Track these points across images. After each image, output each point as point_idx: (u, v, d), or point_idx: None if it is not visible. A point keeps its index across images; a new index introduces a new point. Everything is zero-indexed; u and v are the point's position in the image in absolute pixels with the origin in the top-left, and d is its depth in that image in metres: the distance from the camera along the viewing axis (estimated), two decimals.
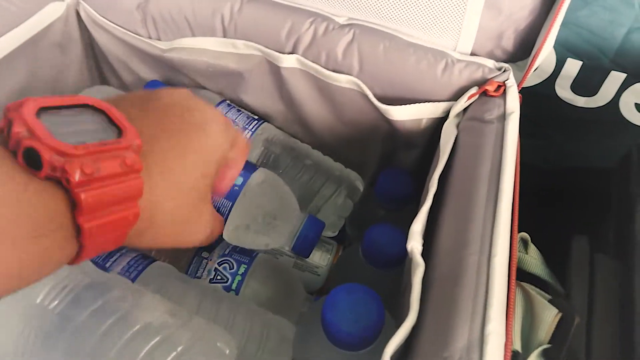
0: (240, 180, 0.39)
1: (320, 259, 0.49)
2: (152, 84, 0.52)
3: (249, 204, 0.39)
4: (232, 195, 0.39)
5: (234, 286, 0.41)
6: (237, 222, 0.39)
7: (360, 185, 0.49)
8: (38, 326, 0.27)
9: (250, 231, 0.40)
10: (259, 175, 0.41)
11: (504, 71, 0.40)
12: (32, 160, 0.18)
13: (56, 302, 0.28)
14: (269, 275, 0.43)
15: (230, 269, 0.42)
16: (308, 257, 0.43)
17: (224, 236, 0.40)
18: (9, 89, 0.44)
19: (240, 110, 0.50)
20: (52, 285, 0.28)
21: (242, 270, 0.42)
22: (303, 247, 0.41)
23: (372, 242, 0.40)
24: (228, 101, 0.52)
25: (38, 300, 0.27)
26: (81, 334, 0.26)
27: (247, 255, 0.43)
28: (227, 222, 0.39)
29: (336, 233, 0.49)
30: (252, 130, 0.49)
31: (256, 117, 0.51)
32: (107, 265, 0.36)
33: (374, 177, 0.53)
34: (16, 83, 0.45)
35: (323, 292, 0.48)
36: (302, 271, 0.48)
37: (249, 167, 0.41)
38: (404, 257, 0.39)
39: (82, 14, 0.49)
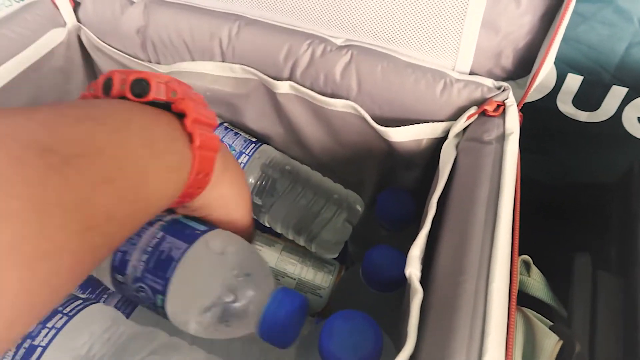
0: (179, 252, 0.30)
1: (322, 280, 0.48)
2: None
3: (198, 266, 0.30)
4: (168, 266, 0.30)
5: None
6: (184, 290, 0.30)
7: (359, 207, 0.49)
8: None
9: (197, 319, 0.30)
10: (215, 234, 0.32)
11: (503, 90, 0.40)
12: (139, 88, 0.26)
13: (101, 354, 0.28)
14: None
15: None
16: (282, 347, 0.32)
17: (168, 312, 0.30)
18: None
19: (238, 134, 0.51)
20: (97, 337, 0.28)
21: None
22: (272, 335, 0.31)
23: (371, 265, 0.39)
24: (226, 124, 0.52)
25: (84, 352, 0.27)
26: None
27: None
28: (169, 290, 0.30)
29: (336, 256, 0.49)
30: (250, 154, 0.49)
31: (254, 139, 0.51)
32: (101, 300, 0.36)
33: (373, 197, 0.53)
34: None
35: (325, 313, 0.48)
36: (303, 292, 0.48)
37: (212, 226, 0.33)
38: (404, 279, 0.39)
39: (84, 38, 0.50)
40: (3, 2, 0.48)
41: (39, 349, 0.27)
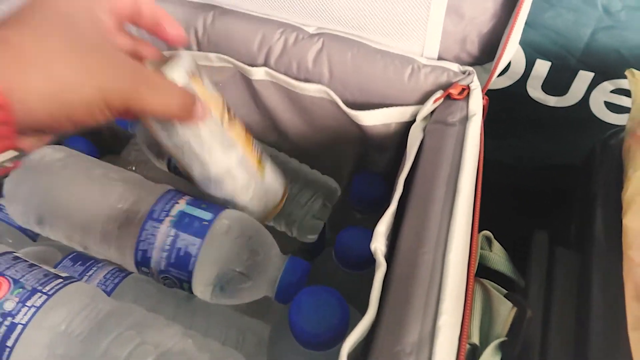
0: (192, 263, 0.34)
1: None
2: None
3: (213, 258, 0.35)
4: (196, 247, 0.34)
5: None
6: (206, 277, 0.35)
7: (337, 189, 0.50)
8: (62, 354, 0.28)
9: (222, 287, 0.35)
10: (222, 222, 0.36)
11: (468, 74, 0.41)
12: None
13: (80, 330, 0.29)
14: None
15: None
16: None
17: (195, 292, 0.35)
18: None
19: None
20: (75, 314, 0.29)
21: None
22: (287, 297, 0.35)
23: (343, 245, 0.41)
24: None
25: (62, 328, 0.28)
26: None
27: None
28: (194, 279, 0.35)
29: (315, 238, 0.50)
30: None
31: None
32: (84, 279, 0.37)
33: (350, 180, 0.54)
34: None
35: None
36: None
37: (201, 235, 0.35)
38: (373, 258, 0.40)
39: None
40: None
41: (19, 327, 0.28)
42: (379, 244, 0.31)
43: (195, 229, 0.35)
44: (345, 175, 0.54)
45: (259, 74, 0.46)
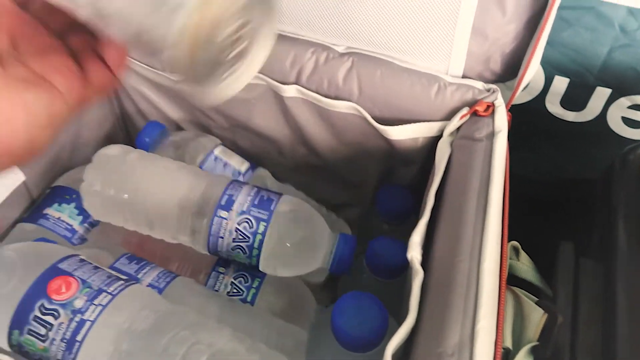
0: (262, 227, 0.41)
1: None
2: (151, 125, 0.56)
3: (277, 235, 0.41)
4: (256, 245, 0.41)
5: (249, 298, 0.44)
6: (270, 252, 0.42)
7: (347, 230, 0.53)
8: (126, 349, 0.30)
9: (284, 260, 0.42)
10: (284, 204, 0.43)
11: (492, 92, 0.44)
12: None
13: (141, 328, 0.31)
14: (281, 288, 0.46)
15: (245, 283, 0.45)
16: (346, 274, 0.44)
17: (260, 267, 0.42)
18: None
19: (227, 164, 0.53)
20: (136, 313, 0.32)
21: (256, 283, 0.45)
22: (340, 267, 0.42)
23: (375, 254, 0.43)
24: (222, 147, 0.55)
25: (126, 326, 0.31)
26: (162, 357, 0.30)
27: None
28: (261, 254, 0.41)
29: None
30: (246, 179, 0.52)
31: (246, 164, 0.54)
32: (139, 276, 0.40)
33: (374, 193, 0.56)
34: None
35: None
36: None
37: (268, 210, 0.42)
38: (405, 266, 0.42)
39: None
40: None
41: (88, 323, 0.30)
42: (415, 253, 0.33)
43: (261, 212, 0.41)
44: (370, 187, 0.56)
45: (290, 91, 0.49)
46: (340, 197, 0.59)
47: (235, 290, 0.45)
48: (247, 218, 0.41)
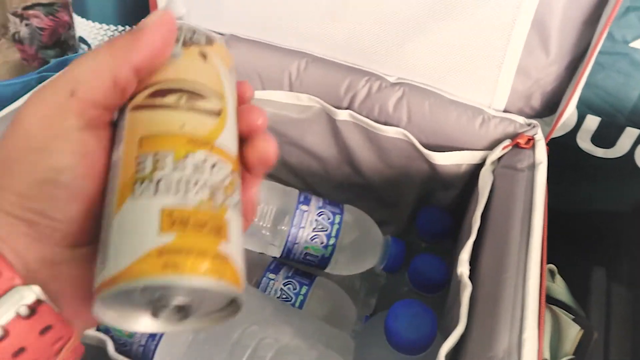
0: (338, 218, 0.49)
1: None
2: None
3: (344, 240, 0.48)
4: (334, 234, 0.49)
5: (297, 304, 0.48)
6: (337, 257, 0.48)
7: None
8: (204, 338, 0.34)
9: (348, 261, 0.49)
10: (348, 214, 0.50)
11: (533, 127, 0.47)
12: None
13: None
14: (326, 295, 0.50)
15: (293, 290, 0.49)
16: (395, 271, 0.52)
17: (332, 259, 0.49)
18: None
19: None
20: None
21: (303, 290, 0.49)
22: (393, 265, 0.50)
23: (416, 270, 0.46)
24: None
25: None
26: (234, 349, 0.33)
27: (307, 278, 0.50)
28: (337, 244, 0.48)
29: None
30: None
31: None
32: None
33: (411, 214, 0.60)
34: None
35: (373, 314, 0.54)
36: None
37: (339, 208, 0.50)
38: (445, 282, 0.46)
39: None
40: (112, 34, 0.57)
41: None
42: (464, 269, 0.37)
43: (334, 209, 0.50)
44: (408, 207, 0.59)
45: (343, 115, 0.53)
46: (378, 215, 0.62)
47: (284, 296, 0.48)
48: (324, 211, 0.49)
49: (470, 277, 0.37)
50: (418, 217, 0.55)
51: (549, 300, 0.39)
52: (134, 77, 0.20)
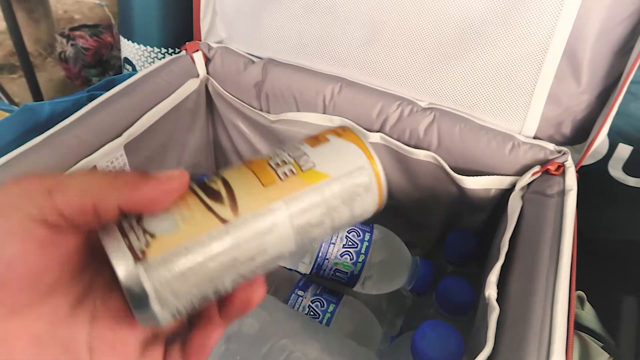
0: (368, 236, 0.51)
1: None
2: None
3: (373, 258, 0.50)
4: (363, 251, 0.51)
5: (324, 321, 0.49)
6: (366, 275, 0.50)
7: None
8: (236, 348, 0.36)
9: (376, 280, 0.50)
10: (378, 233, 0.51)
11: (563, 154, 0.48)
12: None
13: (250, 332, 0.37)
14: (353, 314, 0.50)
15: (321, 307, 0.50)
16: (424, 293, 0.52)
17: (361, 276, 0.50)
18: (155, 146, 0.55)
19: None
20: (244, 318, 0.38)
21: (331, 308, 0.50)
22: (421, 286, 0.51)
23: (443, 293, 0.47)
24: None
25: (236, 328, 0.37)
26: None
27: (335, 296, 0.51)
28: (366, 261, 0.50)
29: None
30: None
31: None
32: None
33: (438, 236, 0.60)
34: (160, 141, 0.56)
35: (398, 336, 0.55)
36: None
37: (369, 226, 0.52)
38: (471, 305, 0.46)
39: (210, 87, 0.61)
40: (156, 56, 0.60)
41: None
42: (492, 291, 0.37)
43: (364, 227, 0.52)
44: (435, 229, 0.60)
45: (374, 137, 0.54)
46: (404, 237, 0.63)
47: (312, 313, 0.49)
48: (354, 228, 0.49)
49: (497, 300, 0.37)
50: (447, 239, 0.55)
51: (577, 327, 0.39)
52: (114, 213, 0.20)
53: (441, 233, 0.60)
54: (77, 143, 0.46)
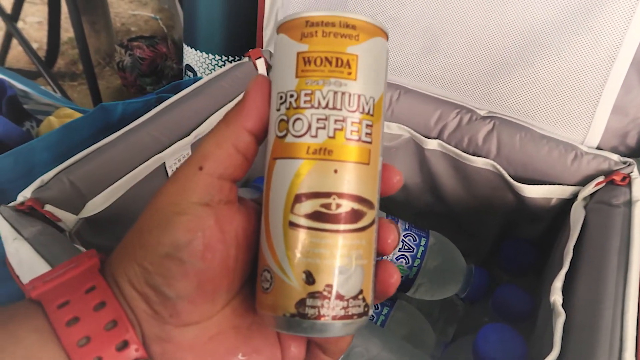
0: (424, 241, 0.51)
1: None
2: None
3: (428, 264, 0.50)
4: (419, 255, 0.50)
5: (378, 324, 0.49)
6: (420, 280, 0.50)
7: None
8: None
9: (430, 285, 0.50)
10: (433, 239, 0.52)
11: (629, 165, 0.47)
12: None
13: None
14: (406, 318, 0.50)
15: (375, 309, 0.50)
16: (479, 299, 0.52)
17: (410, 293, 0.51)
18: None
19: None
20: None
21: (385, 311, 0.50)
22: (476, 295, 0.51)
23: (501, 300, 0.46)
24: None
25: None
26: None
27: (389, 299, 0.51)
28: (422, 265, 0.50)
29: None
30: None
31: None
32: None
33: (493, 245, 0.60)
34: None
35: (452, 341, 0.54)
36: None
37: (425, 232, 0.52)
38: (529, 313, 0.45)
39: None
40: (217, 63, 0.63)
41: None
42: (557, 297, 0.37)
43: (420, 232, 0.51)
44: (489, 239, 0.60)
45: (432, 144, 0.55)
46: (458, 245, 0.63)
47: None
48: (410, 233, 0.49)
49: (562, 306, 0.37)
50: (503, 248, 0.55)
51: None
52: (251, 140, 0.22)
53: (495, 242, 0.60)
54: (150, 140, 0.48)
